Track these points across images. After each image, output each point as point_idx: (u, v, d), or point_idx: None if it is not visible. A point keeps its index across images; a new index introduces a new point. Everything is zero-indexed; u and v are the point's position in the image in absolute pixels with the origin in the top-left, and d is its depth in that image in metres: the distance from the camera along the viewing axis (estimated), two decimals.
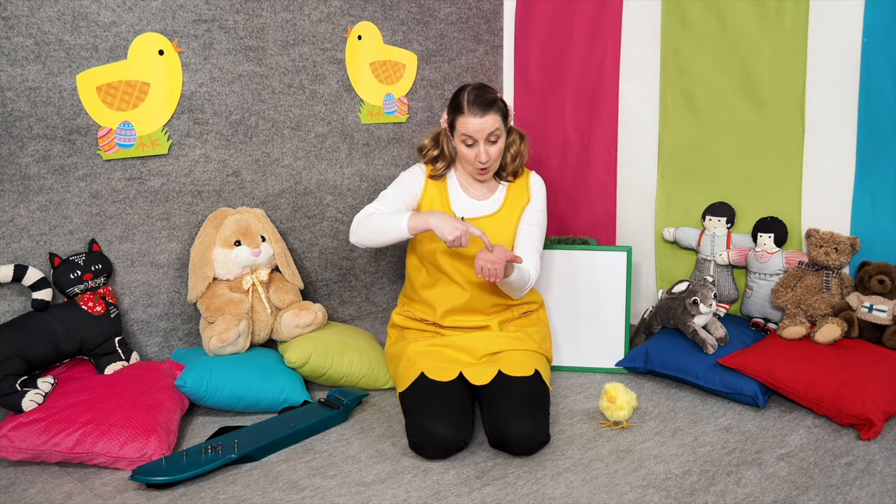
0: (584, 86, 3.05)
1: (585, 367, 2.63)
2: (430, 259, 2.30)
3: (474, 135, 2.15)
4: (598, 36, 2.98)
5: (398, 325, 2.44)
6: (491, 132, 2.15)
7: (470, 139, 2.16)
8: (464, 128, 2.16)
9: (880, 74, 2.42)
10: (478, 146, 2.16)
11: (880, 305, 2.40)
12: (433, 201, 2.30)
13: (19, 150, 2.20)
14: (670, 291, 2.64)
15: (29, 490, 1.92)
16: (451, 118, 2.21)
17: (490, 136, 2.16)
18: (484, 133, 2.15)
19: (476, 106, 2.14)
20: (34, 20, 2.17)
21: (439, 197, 2.30)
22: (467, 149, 2.19)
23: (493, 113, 2.15)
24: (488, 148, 2.17)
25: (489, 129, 2.15)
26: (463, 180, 2.33)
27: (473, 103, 2.14)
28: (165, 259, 2.51)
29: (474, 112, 2.14)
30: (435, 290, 2.33)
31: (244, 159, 2.64)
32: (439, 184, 2.32)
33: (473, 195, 2.32)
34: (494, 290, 2.31)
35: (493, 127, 2.15)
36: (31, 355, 2.11)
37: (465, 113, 2.14)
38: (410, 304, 2.43)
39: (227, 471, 1.99)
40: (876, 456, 2.00)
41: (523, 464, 2.02)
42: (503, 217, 2.31)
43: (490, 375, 2.13)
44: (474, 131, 2.14)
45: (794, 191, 2.64)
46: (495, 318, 2.33)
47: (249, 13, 2.57)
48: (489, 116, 2.14)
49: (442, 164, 2.32)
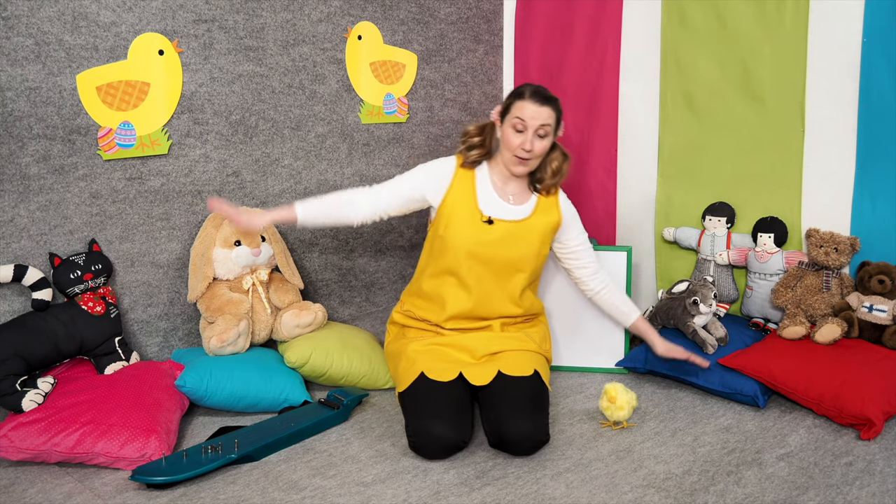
0: (584, 86, 3.05)
1: (585, 367, 2.63)
2: (451, 260, 2.25)
3: (528, 120, 2.15)
4: (598, 36, 2.98)
5: (398, 323, 2.43)
6: (543, 124, 2.16)
7: (522, 124, 2.16)
8: (519, 111, 2.16)
9: (880, 74, 2.42)
10: (526, 134, 2.16)
11: (880, 305, 2.40)
12: (458, 196, 2.25)
13: (19, 150, 2.20)
14: (670, 291, 2.64)
15: (29, 490, 1.92)
16: (508, 103, 2.21)
17: (540, 129, 2.16)
18: (537, 122, 2.15)
19: (538, 95, 2.17)
20: (34, 20, 2.17)
21: (465, 191, 2.25)
22: (515, 134, 2.18)
23: (550, 107, 2.18)
24: (535, 140, 2.17)
25: (543, 119, 2.16)
26: (496, 178, 2.29)
27: (535, 93, 2.18)
28: (165, 259, 2.51)
29: (535, 100, 2.16)
30: (442, 292, 2.29)
31: (244, 159, 2.64)
32: (468, 176, 2.27)
33: (504, 196, 2.28)
34: (501, 298, 2.29)
35: (547, 119, 2.17)
36: (31, 355, 2.11)
37: (525, 98, 2.17)
38: (414, 304, 2.39)
39: (227, 471, 1.99)
40: (876, 456, 2.00)
41: (523, 464, 2.02)
42: (530, 227, 2.28)
43: (490, 376, 2.13)
44: (529, 117, 2.15)
45: (794, 191, 2.64)
46: (498, 321, 2.33)
47: (249, 13, 2.57)
48: (547, 108, 2.17)
49: (477, 153, 2.28)
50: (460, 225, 2.22)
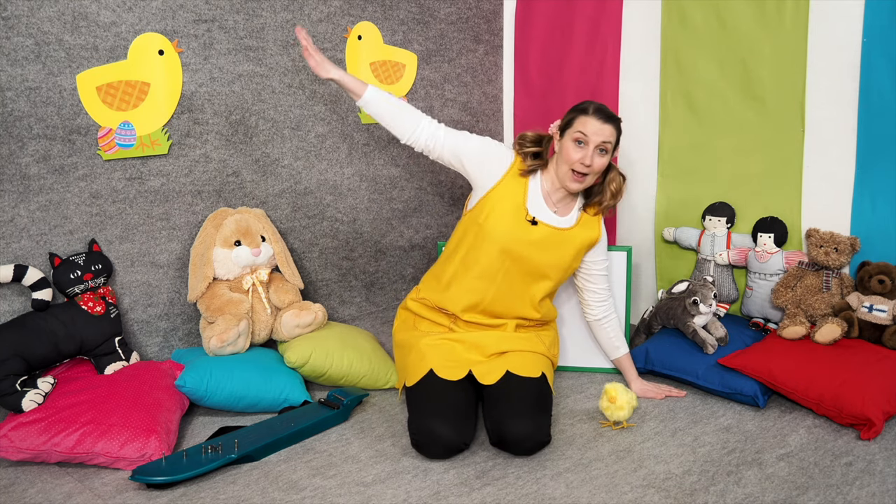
0: (584, 86, 3.05)
1: (585, 367, 2.63)
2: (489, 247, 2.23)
3: (590, 136, 2.14)
4: (598, 36, 2.98)
5: (411, 311, 2.40)
6: (605, 141, 2.16)
7: (583, 138, 2.15)
8: (582, 126, 2.16)
9: (880, 74, 2.42)
10: (587, 149, 2.15)
11: (880, 305, 2.40)
12: (506, 193, 2.23)
13: (19, 150, 2.20)
14: (670, 291, 2.64)
15: (29, 490, 1.92)
16: (570, 118, 2.20)
17: (602, 145, 2.16)
18: (599, 138, 2.15)
19: (601, 112, 2.17)
20: (34, 20, 2.17)
21: (514, 191, 2.23)
22: (576, 148, 2.16)
23: (613, 126, 2.18)
24: (596, 157, 2.17)
25: (606, 136, 2.16)
26: (547, 186, 2.27)
27: (599, 110, 2.18)
28: (165, 259, 2.51)
29: (598, 116, 2.16)
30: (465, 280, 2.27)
31: (244, 159, 2.64)
32: (521, 180, 2.25)
33: (551, 206, 2.27)
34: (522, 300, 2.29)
35: (609, 137, 2.17)
36: (31, 355, 2.11)
37: (590, 114, 2.17)
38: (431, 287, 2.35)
39: (227, 471, 1.99)
40: (876, 456, 2.00)
41: (523, 464, 2.02)
42: (570, 237, 2.27)
43: (498, 375, 2.14)
44: (592, 132, 2.15)
45: (794, 191, 2.64)
46: (513, 321, 2.32)
47: (249, 13, 2.57)
48: (610, 126, 2.17)
49: (533, 162, 2.26)
50: (503, 218, 2.21)
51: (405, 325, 2.39)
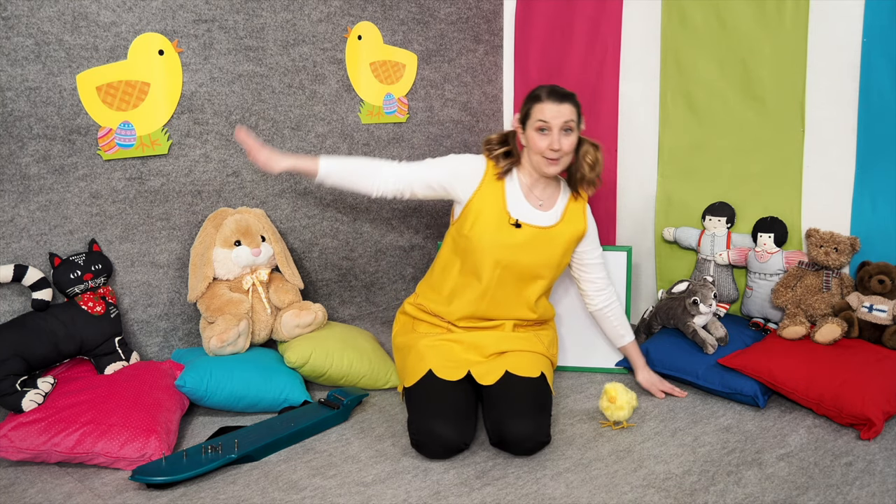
0: (584, 86, 3.05)
1: (585, 367, 2.63)
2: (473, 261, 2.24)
3: (550, 120, 2.15)
4: (598, 36, 2.98)
5: (409, 315, 2.41)
6: (566, 120, 2.16)
7: (545, 125, 2.15)
8: (540, 113, 2.16)
9: (880, 74, 2.42)
10: (552, 134, 2.15)
11: (880, 305, 2.40)
12: (487, 197, 2.23)
13: (19, 150, 2.20)
14: (670, 291, 2.64)
15: (29, 490, 1.92)
16: (527, 108, 2.20)
17: (565, 125, 2.16)
18: (560, 119, 2.15)
19: (555, 94, 2.17)
20: (34, 20, 2.17)
21: (493, 196, 2.23)
22: (541, 137, 2.17)
23: (570, 103, 2.18)
24: (562, 137, 2.16)
25: (565, 116, 2.16)
26: (525, 181, 2.26)
27: (552, 92, 2.17)
28: (165, 259, 2.51)
29: (553, 99, 2.16)
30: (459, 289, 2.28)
31: (244, 159, 2.64)
32: (498, 184, 2.25)
33: (534, 201, 2.26)
34: (518, 302, 2.29)
35: (568, 116, 2.16)
36: (31, 355, 2.11)
37: (543, 100, 2.16)
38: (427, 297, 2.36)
39: (227, 471, 1.99)
40: (876, 456, 2.00)
41: (523, 464, 2.02)
42: (556, 234, 2.27)
43: (497, 375, 2.14)
44: (551, 117, 2.15)
45: (794, 191, 2.64)
46: (510, 322, 2.32)
47: (249, 13, 2.57)
48: (566, 105, 2.17)
49: (506, 162, 2.26)
50: (487, 226, 2.21)
51: (404, 328, 2.40)
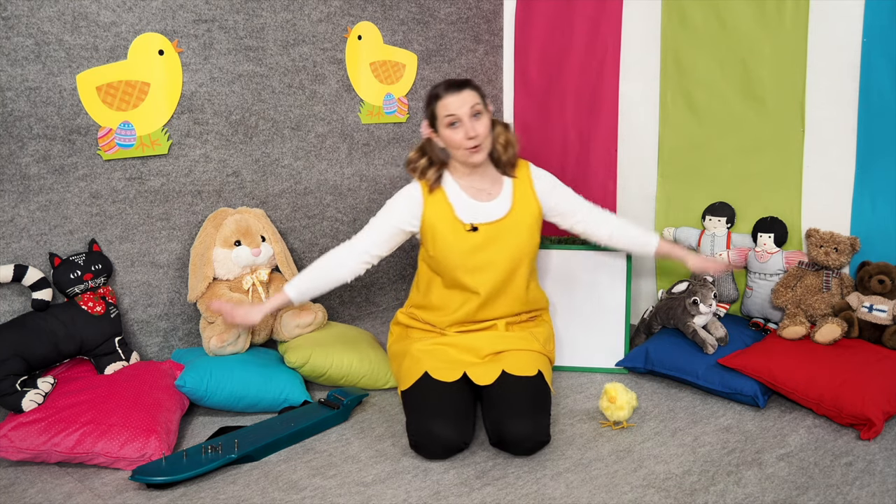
0: (584, 86, 3.05)
1: (585, 367, 2.63)
2: (450, 275, 2.24)
3: (457, 111, 2.13)
4: (598, 36, 2.98)
5: (402, 324, 2.41)
6: (472, 105, 2.14)
7: (454, 118, 2.14)
8: (445, 109, 2.14)
9: (880, 74, 2.42)
10: (464, 124, 2.14)
11: (880, 305, 2.40)
12: (436, 219, 2.22)
13: (19, 150, 2.20)
14: (670, 291, 2.64)
15: (29, 490, 1.92)
16: (431, 110, 2.19)
17: (472, 111, 2.14)
18: (466, 107, 2.13)
19: (451, 86, 2.16)
20: (34, 20, 2.17)
21: (441, 211, 2.22)
22: (454, 131, 2.15)
23: (468, 89, 2.16)
24: (475, 123, 2.14)
25: (470, 101, 2.14)
26: (462, 181, 2.26)
27: (448, 86, 2.16)
28: (165, 259, 2.51)
29: (451, 91, 2.14)
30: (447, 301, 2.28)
31: (244, 159, 2.64)
32: (438, 197, 2.24)
33: (477, 196, 2.25)
34: (507, 298, 2.28)
35: (472, 100, 2.15)
36: (31, 355, 2.12)
37: (443, 96, 2.15)
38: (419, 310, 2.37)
39: (227, 471, 1.99)
40: (876, 456, 2.00)
41: (523, 464, 2.02)
42: (514, 223, 2.25)
43: (493, 375, 2.13)
44: (456, 107, 2.13)
45: (794, 191, 2.64)
46: (503, 321, 2.32)
47: (249, 13, 2.57)
48: (465, 92, 2.15)
49: (433, 171, 2.24)
50: (446, 241, 2.20)
51: (399, 338, 2.40)
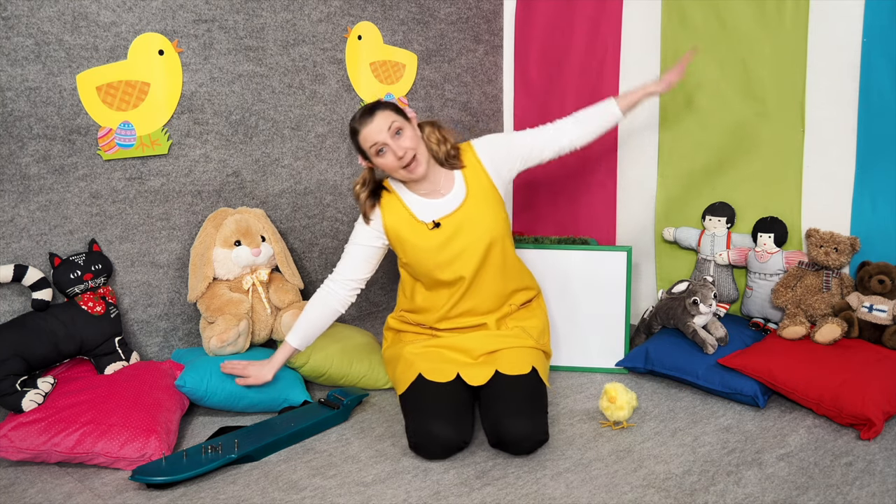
0: (584, 86, 3.05)
1: (585, 367, 2.63)
2: (429, 278, 2.24)
3: (377, 138, 2.10)
4: (598, 36, 2.98)
5: (393, 329, 2.41)
6: (389, 126, 2.10)
7: (377, 145, 2.11)
8: (366, 141, 2.11)
9: (880, 74, 2.42)
10: (389, 147, 2.11)
11: (880, 305, 2.40)
12: (398, 227, 2.20)
13: (19, 150, 2.20)
14: (670, 291, 2.64)
15: (29, 490, 1.92)
16: (356, 145, 2.17)
17: (392, 131, 2.10)
18: (383, 130, 2.09)
19: (364, 116, 2.12)
20: (34, 20, 2.17)
21: (400, 217, 2.21)
22: (384, 157, 2.12)
23: (380, 111, 2.12)
24: (398, 141, 2.11)
25: (385, 124, 2.10)
26: (412, 186, 2.23)
27: (361, 116, 2.13)
28: (165, 259, 2.51)
29: (364, 122, 2.11)
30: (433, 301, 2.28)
31: (244, 159, 2.64)
32: (394, 205, 2.22)
33: (432, 196, 2.22)
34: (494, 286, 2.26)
35: (387, 121, 2.10)
36: (31, 355, 2.12)
37: (360, 130, 2.12)
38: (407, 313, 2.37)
39: (227, 471, 1.99)
40: (876, 456, 2.00)
41: (523, 464, 2.02)
42: (473, 203, 2.22)
43: (487, 376, 2.13)
44: (375, 135, 2.10)
45: (794, 191, 2.64)
46: (493, 316, 2.30)
47: (249, 13, 2.57)
48: (377, 116, 2.11)
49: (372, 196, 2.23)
50: (414, 245, 2.19)
51: (392, 343, 2.39)
